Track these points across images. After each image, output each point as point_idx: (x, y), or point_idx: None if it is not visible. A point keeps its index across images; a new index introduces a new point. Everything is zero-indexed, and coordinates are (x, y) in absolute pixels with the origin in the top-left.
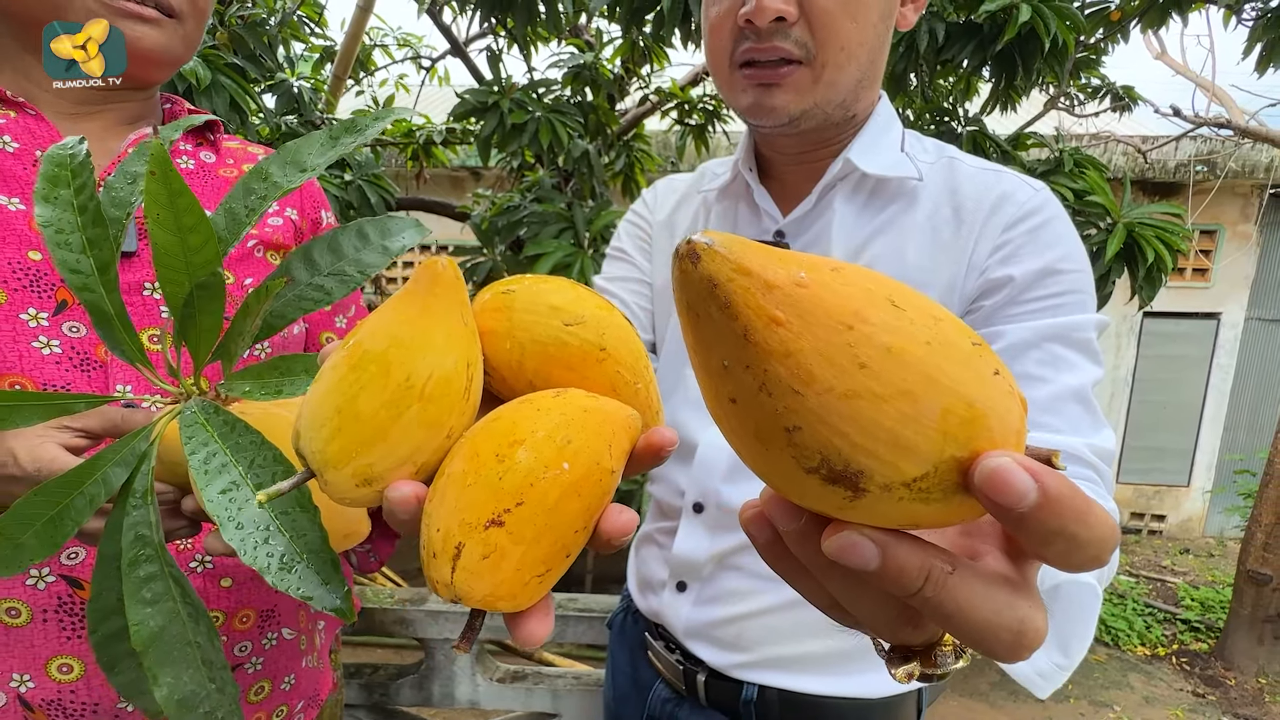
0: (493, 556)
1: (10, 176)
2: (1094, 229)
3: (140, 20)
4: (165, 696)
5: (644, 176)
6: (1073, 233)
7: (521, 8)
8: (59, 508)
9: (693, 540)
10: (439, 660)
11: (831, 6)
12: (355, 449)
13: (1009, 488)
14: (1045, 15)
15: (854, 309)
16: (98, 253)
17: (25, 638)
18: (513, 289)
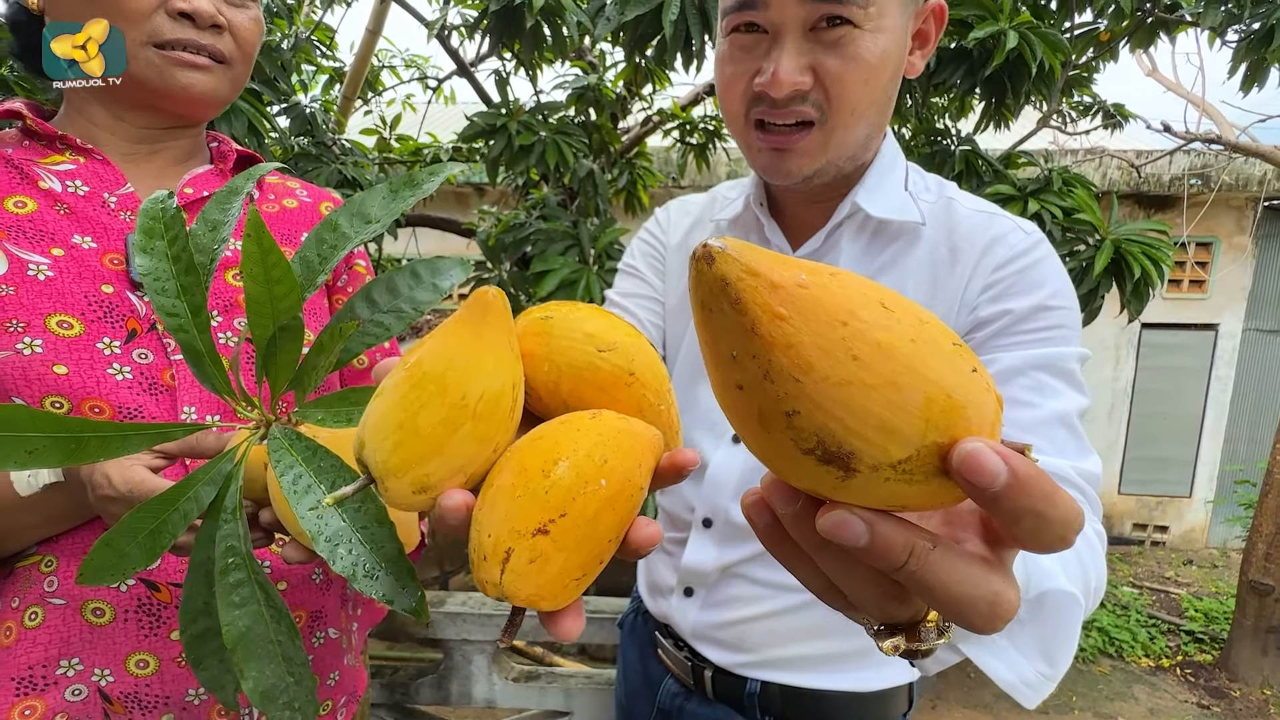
0: (538, 561)
1: (82, 217)
2: (1082, 245)
3: (194, 68)
4: (251, 688)
5: (646, 193)
6: (1061, 272)
7: (529, 34)
8: (158, 522)
9: (701, 553)
10: (457, 660)
11: (846, 74)
12: (414, 460)
13: (982, 469)
14: (1031, 42)
15: (849, 308)
16: (190, 298)
17: (108, 636)
18: (550, 315)
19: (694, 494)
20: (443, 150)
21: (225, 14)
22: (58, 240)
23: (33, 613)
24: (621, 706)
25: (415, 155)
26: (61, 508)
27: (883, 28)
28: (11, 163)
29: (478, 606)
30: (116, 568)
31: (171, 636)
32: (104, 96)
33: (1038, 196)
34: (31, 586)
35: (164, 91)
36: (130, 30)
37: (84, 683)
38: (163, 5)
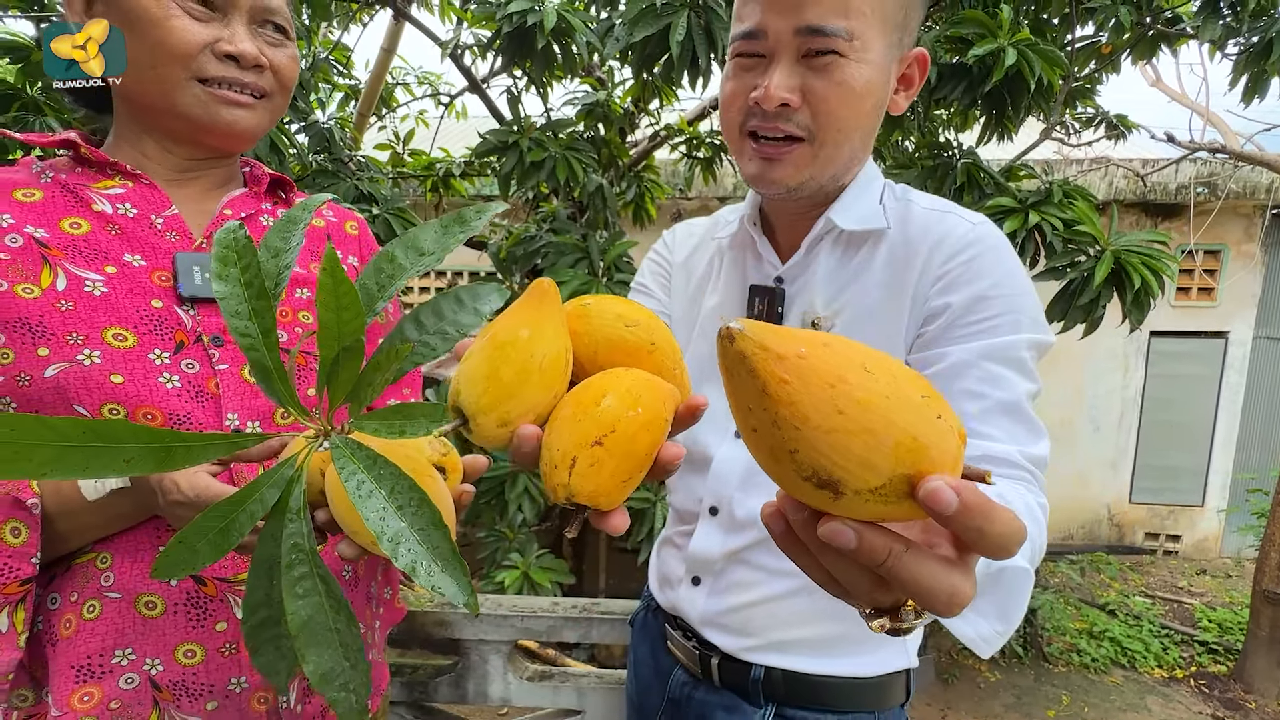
0: (596, 465)
1: (132, 237)
2: (1083, 256)
3: (238, 106)
4: (311, 671)
5: (654, 205)
6: (1005, 262)
7: (540, 54)
8: (227, 522)
9: (708, 539)
10: (473, 660)
11: (831, 96)
12: (498, 402)
13: (939, 500)
14: (1030, 59)
15: (838, 373)
16: (261, 320)
17: (158, 627)
18: (588, 303)
19: (701, 486)
20: (455, 165)
21: (266, 53)
22: (110, 259)
23: (90, 605)
24: (632, 701)
25: (428, 170)
26: (124, 510)
27: (866, 60)
28: (66, 187)
29: (494, 608)
30: (188, 563)
31: (217, 628)
32: (155, 130)
33: (1038, 208)
34: (89, 582)
35: (209, 127)
36: (177, 68)
37: (136, 671)
38: (209, 46)
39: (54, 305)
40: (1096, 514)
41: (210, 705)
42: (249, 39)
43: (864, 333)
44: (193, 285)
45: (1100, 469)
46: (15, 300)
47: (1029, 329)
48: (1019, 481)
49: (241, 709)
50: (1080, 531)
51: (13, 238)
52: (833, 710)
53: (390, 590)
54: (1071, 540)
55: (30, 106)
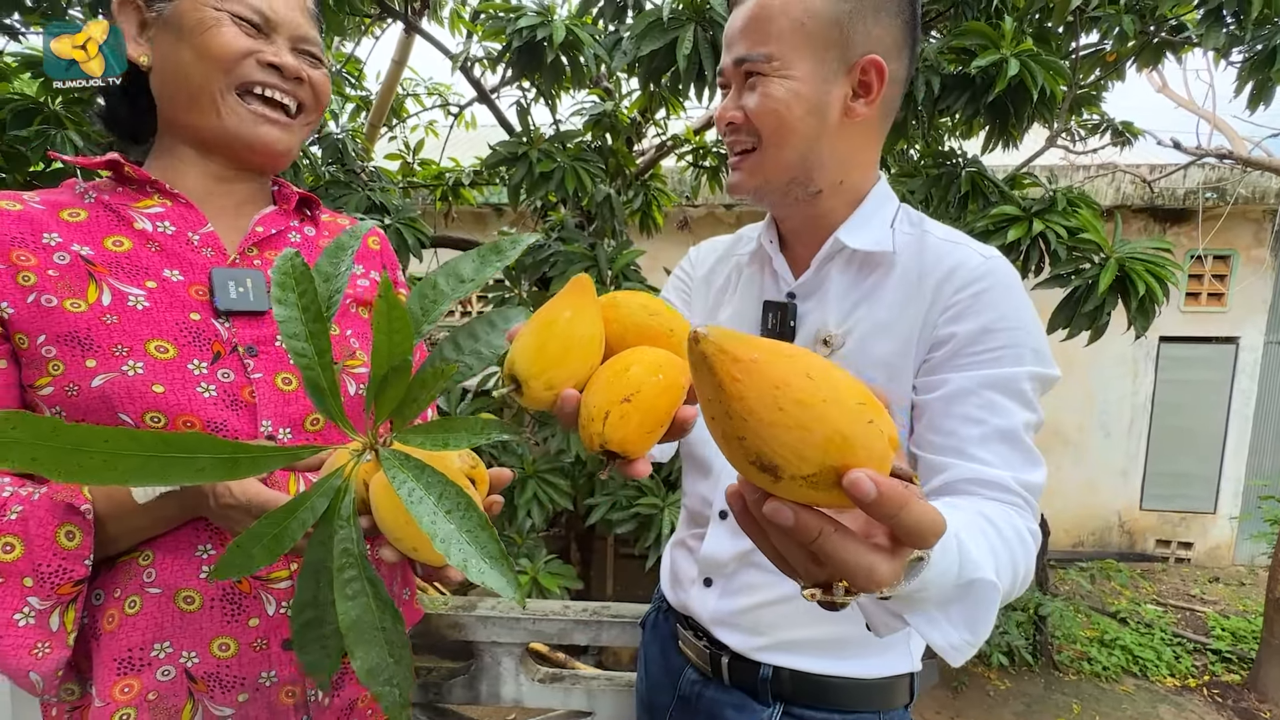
0: (625, 417)
1: (171, 254)
2: (1088, 263)
3: (273, 124)
4: (359, 667)
5: (660, 214)
6: (1013, 297)
7: (549, 67)
8: (280, 528)
9: (718, 542)
10: (486, 662)
11: (758, 108)
12: (545, 370)
13: (859, 489)
14: (1032, 69)
15: (783, 377)
16: (316, 342)
17: (195, 621)
18: (618, 296)
19: (711, 491)
20: (464, 174)
21: (304, 69)
22: (151, 274)
23: (132, 601)
24: (643, 700)
25: (438, 179)
26: (170, 513)
27: (790, 75)
28: (109, 207)
29: (506, 610)
30: (245, 566)
31: (250, 623)
32: (195, 140)
33: (1042, 216)
34: (131, 578)
35: (246, 142)
36: (221, 76)
37: (173, 664)
38: (253, 55)
39: (100, 319)
40: (1107, 521)
41: (241, 697)
42: (289, 55)
43: (874, 352)
44: (228, 299)
45: (1110, 476)
46: (65, 315)
47: (1032, 362)
48: (1010, 506)
49: (270, 702)
50: (1091, 539)
51: (60, 255)
52: (838, 709)
53: (409, 592)
54: (1082, 547)
55: (51, 120)
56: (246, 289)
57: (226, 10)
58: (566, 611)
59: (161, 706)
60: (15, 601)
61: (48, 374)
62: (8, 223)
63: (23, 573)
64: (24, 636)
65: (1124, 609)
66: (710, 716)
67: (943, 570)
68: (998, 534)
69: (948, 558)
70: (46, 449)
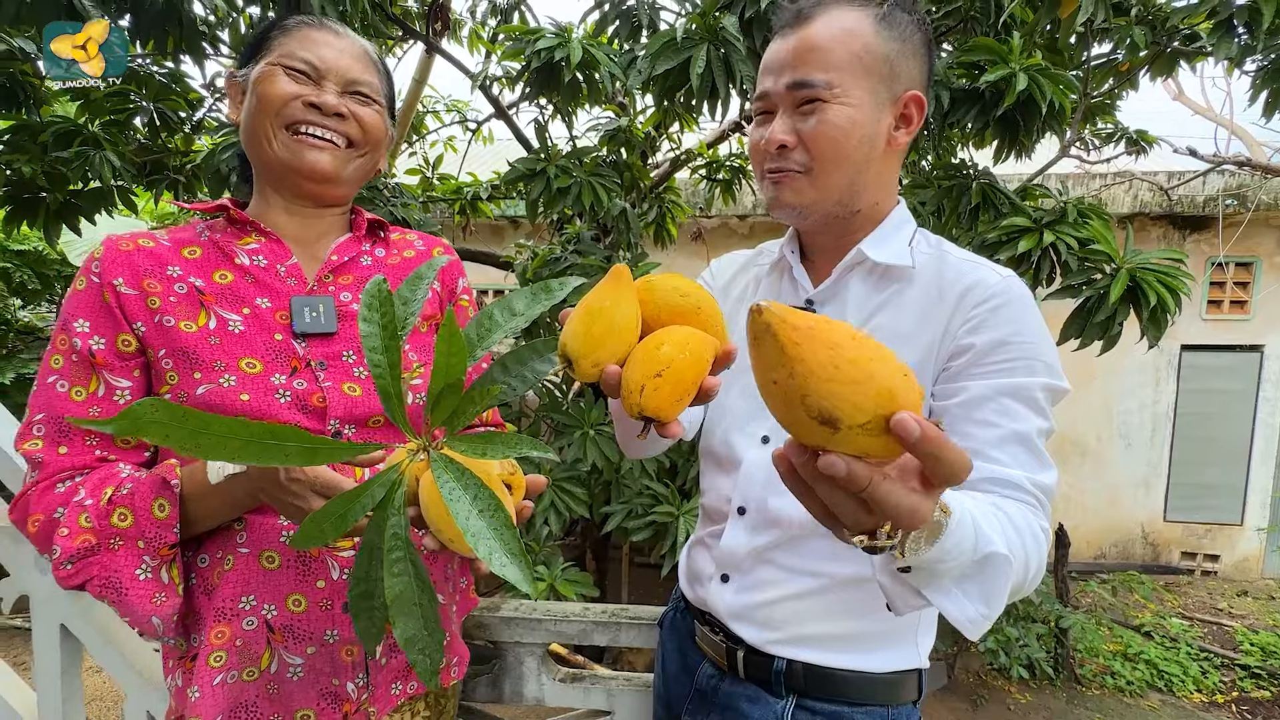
0: (658, 389)
1: (262, 284)
2: (1099, 274)
3: (318, 149)
4: (399, 634)
5: (674, 225)
6: (1027, 313)
7: (567, 87)
8: (346, 509)
9: (736, 537)
10: (510, 661)
11: (817, 133)
12: (592, 349)
13: (906, 428)
14: (1041, 83)
15: (835, 340)
16: (389, 356)
17: (275, 579)
18: (653, 279)
19: (730, 487)
20: (482, 188)
21: (350, 107)
22: (246, 302)
23: (228, 560)
24: (660, 695)
25: (456, 194)
26: (238, 494)
27: (848, 103)
28: (217, 245)
29: (529, 611)
30: (317, 538)
31: (318, 584)
32: (266, 175)
33: (1053, 227)
34: (228, 540)
35: (296, 167)
36: (273, 119)
37: (256, 615)
38: (299, 97)
39: (206, 340)
40: (1130, 533)
41: (310, 650)
42: (335, 95)
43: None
44: (304, 323)
45: (1132, 486)
46: (180, 334)
47: (1044, 374)
48: (1023, 504)
49: (333, 657)
50: (1113, 550)
51: (180, 285)
52: (848, 702)
53: (466, 581)
54: (1104, 559)
55: (91, 142)
56: (319, 314)
57: (281, 65)
58: (586, 613)
59: (246, 652)
60: (134, 560)
61: (166, 383)
62: (142, 257)
63: (135, 537)
64: (145, 588)
65: (1148, 623)
66: (726, 709)
67: (959, 541)
68: (1010, 522)
69: (964, 530)
70: (177, 429)
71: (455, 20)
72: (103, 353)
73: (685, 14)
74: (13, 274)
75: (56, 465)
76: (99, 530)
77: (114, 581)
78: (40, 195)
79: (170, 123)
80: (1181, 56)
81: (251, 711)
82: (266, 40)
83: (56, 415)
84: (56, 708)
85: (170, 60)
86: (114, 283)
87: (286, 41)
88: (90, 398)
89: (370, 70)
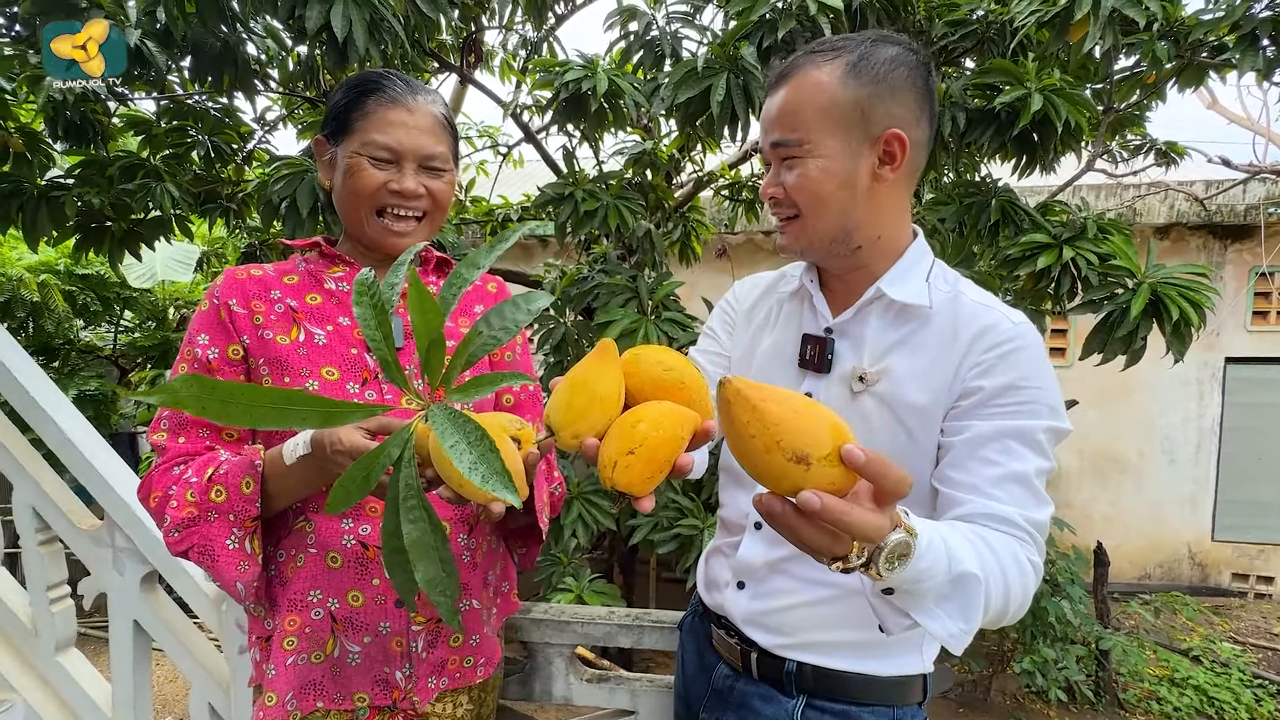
0: (629, 467)
1: (344, 306)
2: (1120, 289)
3: (402, 235)
4: (421, 578)
5: (699, 243)
6: (1036, 359)
7: (593, 115)
8: (367, 470)
9: (753, 550)
10: (539, 661)
11: (795, 184)
12: (572, 421)
13: (853, 456)
14: (1056, 103)
15: (782, 396)
16: (382, 329)
17: (338, 576)
18: (640, 352)
19: (747, 502)
20: (513, 210)
21: (425, 183)
22: (330, 320)
23: (300, 557)
24: (680, 694)
25: (488, 216)
26: (309, 472)
27: (820, 155)
28: (311, 274)
29: (557, 615)
30: (346, 501)
31: (373, 582)
32: (360, 240)
33: (1072, 243)
34: (301, 541)
35: (384, 247)
36: (365, 204)
37: (322, 607)
38: (385, 186)
39: (296, 350)
40: (1176, 553)
41: (366, 639)
42: (412, 178)
43: (908, 395)
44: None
45: (1177, 504)
46: (276, 345)
47: (1048, 418)
48: (1012, 538)
49: (385, 647)
50: (1158, 571)
51: (279, 306)
52: (855, 703)
53: (508, 585)
54: (1149, 580)
55: (152, 174)
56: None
57: (366, 155)
58: (611, 616)
59: (313, 638)
60: (225, 531)
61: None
62: (253, 284)
63: (227, 511)
64: (232, 557)
65: (1197, 646)
66: (740, 707)
67: (933, 564)
68: (988, 547)
69: (935, 553)
70: (209, 400)
71: (488, 51)
72: (216, 360)
73: (706, 43)
74: (76, 297)
75: (175, 451)
76: (200, 504)
77: (209, 549)
78: (106, 224)
79: (223, 154)
80: (1210, 68)
81: (317, 690)
82: (349, 122)
83: (177, 412)
84: (128, 698)
85: (224, 96)
86: (229, 303)
87: (367, 127)
88: None
89: (441, 138)
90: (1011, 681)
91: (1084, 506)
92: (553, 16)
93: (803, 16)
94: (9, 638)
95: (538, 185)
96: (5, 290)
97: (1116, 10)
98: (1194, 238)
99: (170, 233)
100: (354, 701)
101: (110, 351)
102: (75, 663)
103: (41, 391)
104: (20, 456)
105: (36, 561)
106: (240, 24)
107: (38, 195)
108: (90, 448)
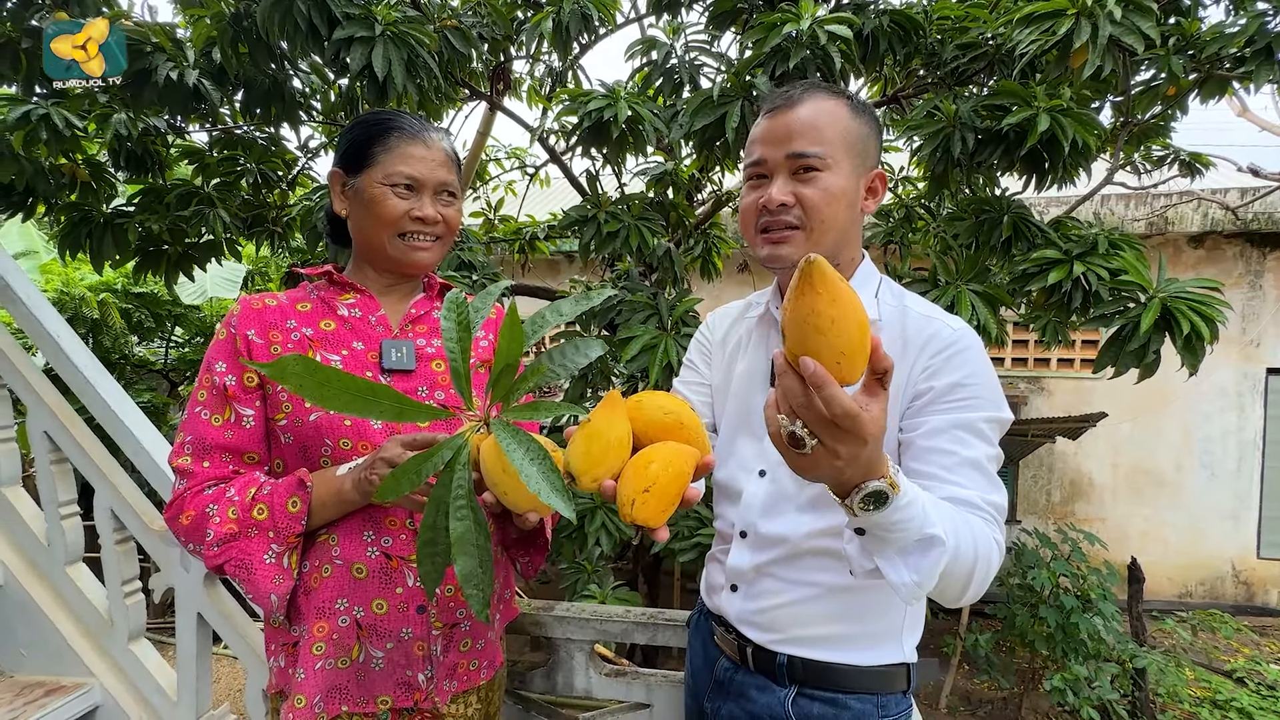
0: (647, 504)
1: (358, 331)
2: (1132, 303)
3: (422, 251)
4: (459, 570)
5: (720, 259)
6: (976, 359)
7: (615, 141)
8: (420, 466)
9: (741, 556)
10: (561, 656)
11: (814, 196)
12: (590, 467)
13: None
14: (1063, 123)
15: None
16: (462, 344)
17: (363, 585)
18: (641, 399)
19: (734, 514)
20: (539, 228)
21: (440, 210)
22: (345, 345)
23: (325, 569)
24: (688, 685)
25: (516, 234)
26: (346, 487)
27: (838, 171)
28: (324, 300)
29: (579, 612)
30: (392, 490)
31: (397, 591)
32: (374, 262)
33: (1083, 259)
34: (325, 554)
35: (406, 264)
36: (388, 230)
37: (348, 615)
38: (407, 213)
39: None
40: (1218, 570)
41: (389, 645)
42: (431, 206)
43: None
44: (390, 361)
45: (1219, 520)
46: None
47: (990, 409)
48: (977, 518)
49: (407, 652)
50: (1200, 589)
51: (295, 334)
52: (842, 691)
53: (510, 593)
54: (1189, 598)
55: (205, 201)
56: (403, 354)
57: (388, 185)
58: (628, 614)
59: (340, 643)
60: (264, 546)
61: (282, 411)
62: (270, 313)
63: (268, 528)
64: (268, 570)
65: (1241, 668)
66: (740, 695)
67: (908, 518)
68: (968, 526)
69: (913, 510)
70: (309, 379)
71: (515, 80)
72: (233, 387)
73: (723, 70)
74: (132, 314)
75: (202, 476)
76: (241, 521)
77: (246, 563)
78: (164, 248)
79: (270, 180)
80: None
81: (344, 694)
82: (370, 155)
83: (200, 437)
84: (191, 685)
85: (271, 126)
86: (247, 333)
87: (389, 160)
88: (225, 423)
89: (452, 170)
90: (1043, 700)
91: (1119, 522)
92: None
93: (814, 46)
94: (88, 628)
95: (563, 209)
96: (69, 309)
97: (1114, 37)
98: (1230, 246)
99: (221, 255)
100: (377, 704)
101: (161, 366)
102: (145, 651)
103: (121, 406)
104: (101, 464)
105: (114, 559)
106: (288, 62)
107: (103, 222)
108: (162, 456)
